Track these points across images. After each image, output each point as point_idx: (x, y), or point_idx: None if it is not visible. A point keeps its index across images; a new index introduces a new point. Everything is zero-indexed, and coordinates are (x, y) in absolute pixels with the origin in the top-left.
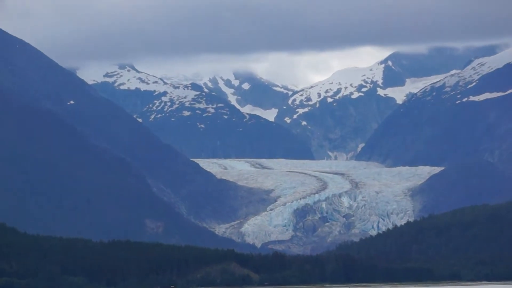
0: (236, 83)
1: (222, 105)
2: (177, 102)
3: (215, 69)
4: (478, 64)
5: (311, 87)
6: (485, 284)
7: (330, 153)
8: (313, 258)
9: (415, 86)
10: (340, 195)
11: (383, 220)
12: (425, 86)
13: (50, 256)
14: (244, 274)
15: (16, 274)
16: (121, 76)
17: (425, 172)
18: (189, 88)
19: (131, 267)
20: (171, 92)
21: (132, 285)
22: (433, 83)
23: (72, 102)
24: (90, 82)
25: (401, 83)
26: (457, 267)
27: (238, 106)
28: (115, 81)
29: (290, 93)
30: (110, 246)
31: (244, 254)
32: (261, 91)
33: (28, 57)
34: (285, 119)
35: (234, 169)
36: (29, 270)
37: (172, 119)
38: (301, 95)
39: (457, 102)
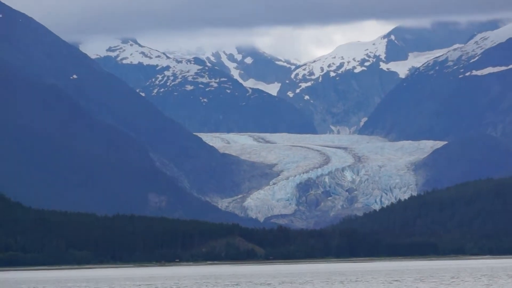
0: (239, 57)
1: (225, 79)
2: (180, 77)
3: (218, 43)
4: (481, 38)
5: (314, 61)
6: (489, 258)
7: (332, 127)
8: (317, 232)
9: (418, 60)
10: (343, 169)
11: (386, 194)
12: (428, 61)
13: (55, 231)
14: (248, 248)
15: (22, 248)
16: (124, 50)
17: (428, 146)
18: (192, 62)
19: (136, 241)
20: (174, 66)
21: (137, 259)
22: (436, 57)
23: (75, 76)
24: (93, 57)
25: (404, 57)
26: (462, 241)
27: (240, 81)
28: (118, 56)
29: (293, 67)
30: (115, 220)
31: (249, 228)
32: (264, 66)
33: (31, 32)
34: (288, 93)
35: (237, 144)
36: (34, 245)
37: (175, 94)
38: (304, 69)
39: (460, 76)
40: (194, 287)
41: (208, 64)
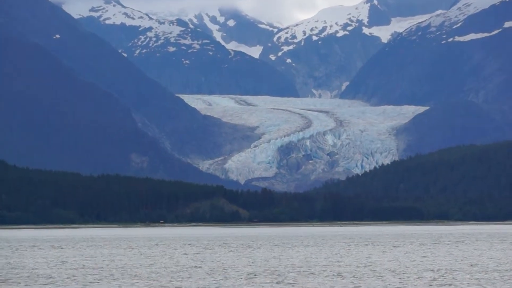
0: (221, 19)
1: (207, 41)
2: (162, 38)
3: (201, 5)
4: (464, 4)
5: (297, 25)
6: (473, 224)
7: (314, 91)
8: (301, 195)
9: (400, 25)
10: (324, 133)
11: (367, 158)
12: (410, 26)
13: (40, 190)
14: (233, 210)
15: (7, 207)
16: (107, 11)
17: (410, 111)
18: (175, 24)
19: (121, 201)
20: (156, 27)
21: (122, 219)
22: (419, 23)
23: (58, 36)
24: (75, 17)
25: (387, 22)
26: (445, 206)
27: (223, 43)
28: (100, 16)
29: (275, 30)
30: (100, 180)
31: (233, 190)
32: (246, 28)
33: None
34: (270, 56)
35: (219, 106)
36: (19, 203)
37: (157, 55)
38: (286, 32)
39: (443, 42)
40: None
41: (191, 26)
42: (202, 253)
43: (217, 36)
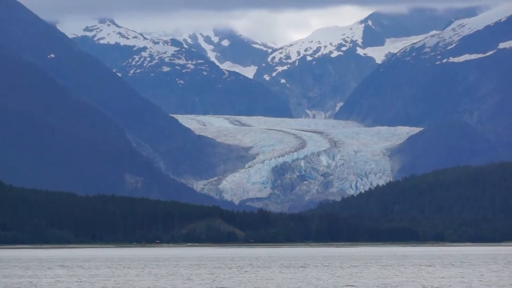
0: (215, 39)
1: (202, 61)
2: (156, 58)
3: (195, 25)
4: (458, 25)
5: (291, 45)
6: (469, 245)
7: (308, 112)
8: (297, 216)
9: (394, 46)
10: (318, 154)
11: (361, 179)
12: (405, 47)
13: (36, 209)
14: (229, 230)
15: (2, 226)
16: (101, 30)
17: (404, 132)
18: (169, 43)
19: (117, 221)
20: (150, 47)
21: (118, 239)
22: (413, 43)
23: (52, 55)
24: (70, 36)
25: (381, 43)
26: (441, 228)
27: (217, 63)
28: (95, 35)
29: (269, 50)
30: (95, 200)
31: (229, 210)
32: (240, 48)
33: (9, 10)
34: (264, 77)
35: (213, 126)
36: (15, 223)
37: (152, 75)
38: (281, 53)
39: (437, 63)
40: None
41: (185, 46)
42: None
43: (211, 56)
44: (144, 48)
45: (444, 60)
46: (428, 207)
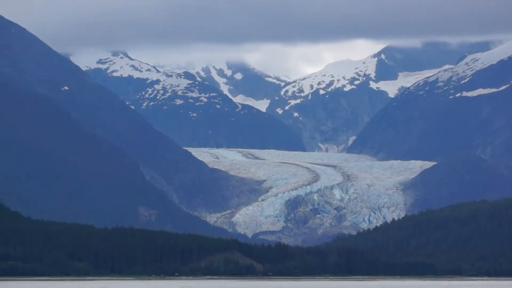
0: (228, 73)
1: (215, 94)
2: (169, 91)
3: (208, 58)
4: (472, 59)
5: (304, 78)
6: (487, 280)
7: (321, 145)
8: (314, 249)
9: (407, 80)
10: (331, 187)
11: (374, 213)
12: (418, 81)
13: (54, 241)
14: (247, 263)
15: (21, 258)
16: (114, 63)
17: (417, 166)
18: (182, 76)
19: (136, 254)
20: (163, 80)
21: (137, 272)
22: (426, 77)
23: (66, 88)
24: (83, 69)
25: (394, 77)
26: (458, 262)
27: (230, 96)
28: (108, 68)
29: (282, 84)
30: (114, 233)
31: (247, 243)
32: (253, 82)
33: (23, 42)
34: (277, 110)
35: (226, 159)
36: (33, 255)
37: (165, 107)
38: (294, 86)
39: (450, 97)
40: None
41: (198, 79)
42: None
43: (224, 89)
44: (157, 81)
45: (458, 95)
46: (444, 242)
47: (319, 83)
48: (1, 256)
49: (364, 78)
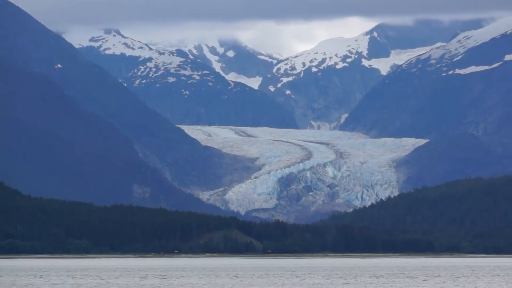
0: (221, 50)
1: (207, 72)
2: (162, 68)
3: (201, 36)
4: (464, 37)
5: (296, 56)
6: (486, 257)
7: (313, 123)
8: (313, 227)
9: (400, 57)
10: (324, 165)
11: (367, 190)
12: (410, 58)
13: (54, 219)
14: (247, 241)
15: (21, 236)
16: (107, 41)
17: (410, 144)
18: (174, 54)
19: (135, 232)
20: (156, 58)
21: (136, 249)
22: (419, 55)
23: (59, 66)
24: (76, 47)
25: (386, 54)
26: (456, 239)
27: (222, 74)
28: (100, 46)
29: (274, 61)
30: (113, 210)
31: (246, 221)
32: (246, 59)
33: (17, 21)
34: (269, 88)
35: (219, 137)
36: (33, 233)
37: (157, 85)
38: (286, 64)
39: (443, 74)
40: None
41: (191, 57)
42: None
43: (217, 67)
44: (149, 59)
45: (450, 72)
46: (440, 219)
47: (311, 61)
48: (1, 234)
49: (356, 56)
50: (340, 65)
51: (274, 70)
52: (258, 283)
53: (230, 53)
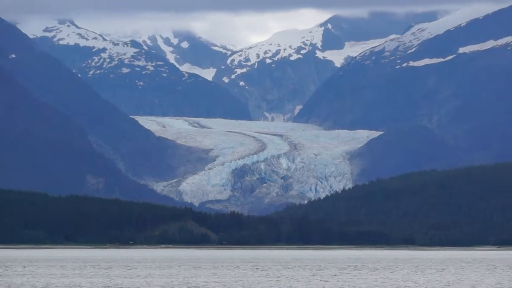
0: (175, 41)
1: (161, 63)
2: (116, 59)
3: (154, 26)
4: (418, 29)
5: (250, 47)
6: (441, 249)
7: (267, 114)
8: (268, 218)
9: (354, 49)
10: (278, 157)
11: (321, 182)
12: (364, 50)
13: (9, 210)
14: (202, 232)
15: None
16: (61, 31)
17: (364, 136)
18: (129, 45)
19: (90, 222)
20: (110, 48)
21: (92, 240)
22: (373, 47)
23: (13, 55)
24: (30, 37)
25: (340, 46)
26: (411, 231)
27: (176, 65)
28: (54, 36)
29: (228, 53)
30: (68, 201)
31: (202, 212)
32: (200, 50)
33: None
34: (223, 79)
35: (173, 128)
36: None
37: (111, 76)
38: (240, 55)
39: (397, 67)
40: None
41: (145, 48)
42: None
43: (171, 57)
44: (103, 49)
45: (404, 64)
46: (395, 211)
47: (265, 52)
48: None
49: (310, 48)
50: (294, 57)
51: (228, 62)
52: (251, 275)
53: (184, 44)
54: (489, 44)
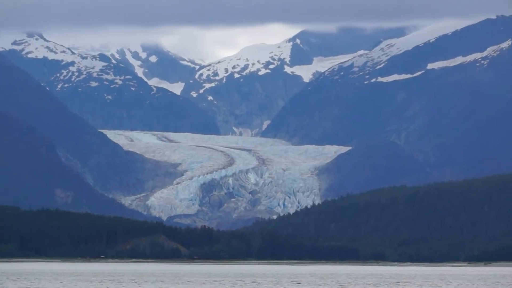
0: (143, 55)
1: (130, 77)
2: (84, 73)
3: (123, 40)
4: (387, 45)
5: (219, 62)
6: (411, 265)
7: (235, 129)
8: (239, 233)
9: (322, 65)
10: (246, 171)
11: (289, 197)
12: (332, 66)
13: None
14: (173, 247)
15: None
16: (29, 44)
17: (332, 151)
18: (97, 59)
19: (61, 236)
20: (78, 62)
21: (63, 254)
22: (341, 62)
23: None
24: None
25: (309, 61)
26: (381, 247)
27: (145, 79)
28: (23, 49)
29: (197, 67)
30: (39, 215)
31: (172, 227)
32: (168, 65)
33: None
34: (192, 93)
35: (141, 142)
36: None
37: (79, 89)
38: (208, 69)
39: (365, 82)
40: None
41: (113, 61)
42: None
43: (139, 71)
44: (72, 63)
45: (373, 80)
46: (365, 227)
47: (234, 67)
48: None
49: (279, 63)
50: (263, 72)
51: (197, 76)
52: None
53: (153, 58)
54: (458, 60)
